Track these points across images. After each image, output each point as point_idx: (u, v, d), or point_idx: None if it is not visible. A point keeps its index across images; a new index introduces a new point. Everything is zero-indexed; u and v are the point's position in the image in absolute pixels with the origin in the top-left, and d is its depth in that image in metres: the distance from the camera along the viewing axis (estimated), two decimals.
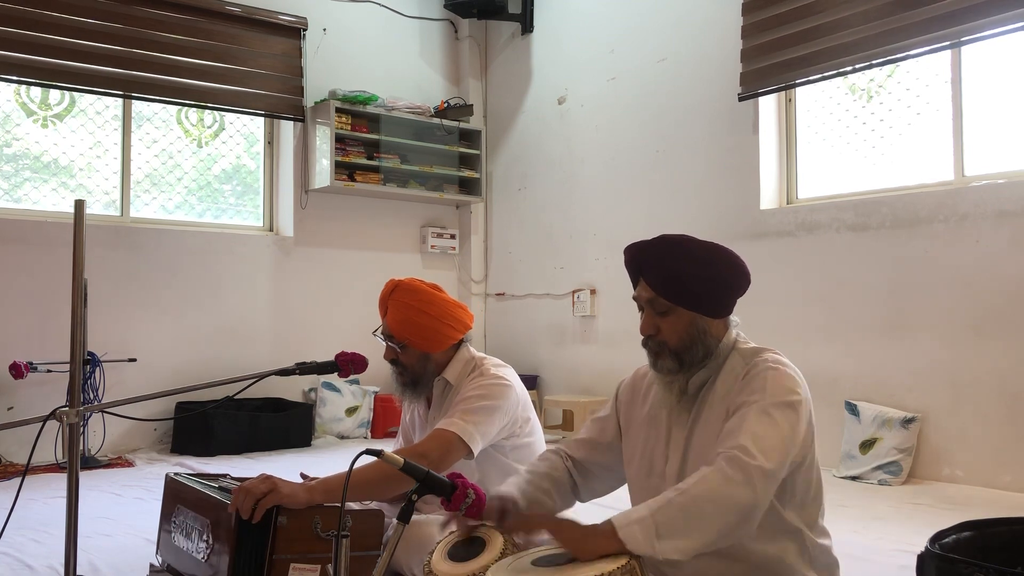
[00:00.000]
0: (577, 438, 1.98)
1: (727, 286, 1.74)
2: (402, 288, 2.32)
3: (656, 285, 1.71)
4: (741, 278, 1.75)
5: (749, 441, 1.54)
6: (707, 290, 1.71)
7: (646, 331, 1.74)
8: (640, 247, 1.76)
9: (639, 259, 1.75)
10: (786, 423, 1.59)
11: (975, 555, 1.53)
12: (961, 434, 3.91)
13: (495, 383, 2.28)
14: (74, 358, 1.84)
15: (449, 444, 2.13)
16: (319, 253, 5.87)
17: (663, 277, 1.71)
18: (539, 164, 6.17)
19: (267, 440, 5.03)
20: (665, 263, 1.71)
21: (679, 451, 1.74)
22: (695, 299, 1.71)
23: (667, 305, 1.71)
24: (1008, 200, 3.80)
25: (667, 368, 1.73)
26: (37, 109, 5.07)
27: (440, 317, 2.31)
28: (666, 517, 1.47)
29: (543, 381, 6.06)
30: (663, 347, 1.72)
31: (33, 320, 4.74)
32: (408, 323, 2.29)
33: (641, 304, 1.76)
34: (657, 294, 1.71)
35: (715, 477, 1.50)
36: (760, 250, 4.68)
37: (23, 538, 2.94)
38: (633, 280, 1.78)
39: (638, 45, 5.46)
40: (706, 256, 1.73)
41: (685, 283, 1.70)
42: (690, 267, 1.70)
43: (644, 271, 1.74)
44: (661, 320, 1.72)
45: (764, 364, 1.68)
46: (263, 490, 1.84)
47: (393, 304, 2.31)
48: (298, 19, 5.72)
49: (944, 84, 4.17)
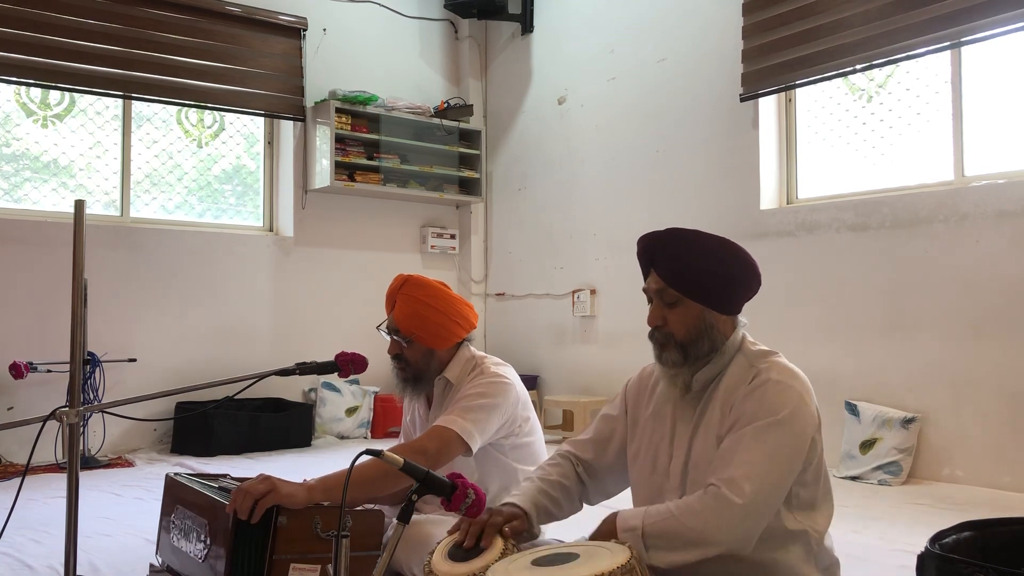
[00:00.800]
0: (585, 437, 1.96)
1: (737, 282, 1.74)
2: (412, 283, 2.32)
3: (666, 276, 1.71)
4: (752, 276, 1.76)
5: (741, 472, 1.57)
6: (717, 284, 1.72)
7: (653, 322, 1.74)
8: (653, 237, 1.76)
9: (651, 250, 1.75)
10: (781, 445, 1.60)
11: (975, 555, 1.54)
12: (961, 434, 3.91)
13: (495, 381, 2.28)
14: (74, 358, 1.84)
15: (447, 441, 2.12)
16: (319, 253, 5.87)
17: (674, 268, 1.71)
18: (539, 164, 6.17)
19: (267, 440, 5.03)
20: (677, 254, 1.72)
21: (683, 449, 1.73)
22: (704, 292, 1.71)
23: (676, 296, 1.71)
24: (1008, 200, 3.80)
25: (672, 360, 1.72)
26: (37, 109, 5.07)
27: (448, 313, 2.32)
28: (654, 533, 1.57)
29: (543, 381, 6.06)
30: (669, 339, 1.72)
31: (33, 320, 4.74)
32: (416, 317, 2.29)
33: (650, 295, 1.76)
34: (667, 284, 1.71)
35: (704, 513, 1.56)
36: (760, 250, 4.62)
37: (23, 538, 2.94)
38: (644, 271, 1.78)
39: (638, 45, 5.46)
40: (718, 250, 1.73)
41: (695, 275, 1.70)
42: (701, 260, 1.71)
43: (655, 262, 1.74)
44: (669, 311, 1.72)
45: (766, 375, 1.67)
46: (262, 490, 1.84)
47: (402, 298, 2.31)
48: (298, 19, 5.72)
49: (944, 84, 4.17)
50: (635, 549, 1.51)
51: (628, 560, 1.45)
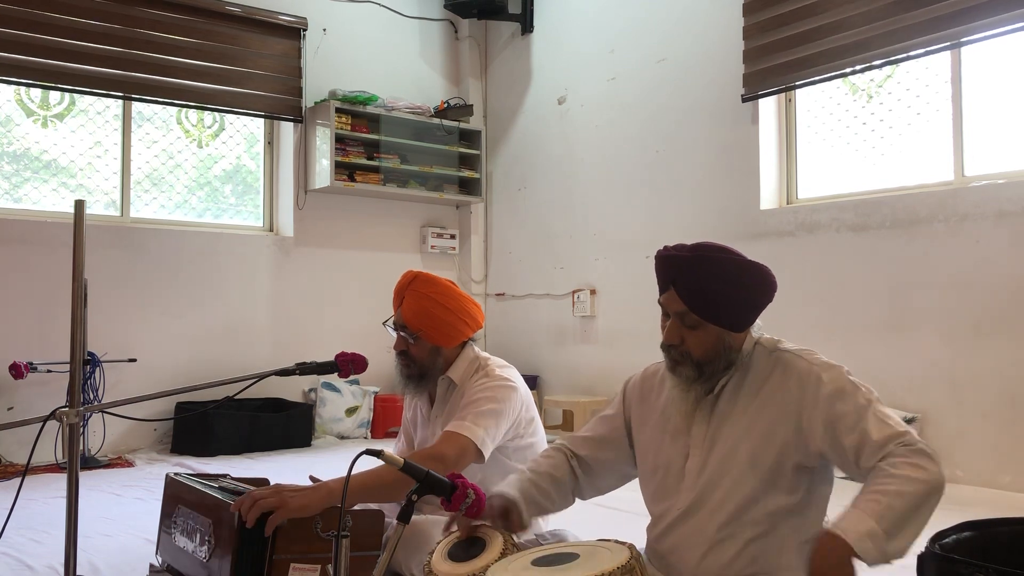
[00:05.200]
0: (582, 435, 1.96)
1: (757, 305, 1.74)
2: (422, 279, 2.33)
3: (688, 300, 1.69)
4: (771, 292, 1.75)
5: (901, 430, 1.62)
6: (740, 310, 1.71)
7: (671, 340, 1.72)
8: (675, 260, 1.72)
9: (673, 269, 1.72)
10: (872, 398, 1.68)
11: (975, 555, 1.53)
12: (961, 434, 3.91)
13: (501, 385, 2.27)
14: (74, 358, 1.84)
15: (465, 449, 2.12)
16: (319, 253, 5.87)
17: (696, 293, 1.68)
18: (539, 164, 6.17)
19: (267, 440, 5.03)
20: (701, 280, 1.68)
21: (701, 447, 1.73)
22: (727, 318, 1.70)
23: (697, 320, 1.69)
24: (1008, 200, 3.80)
25: (686, 376, 1.72)
26: (37, 109, 5.07)
27: (456, 311, 2.32)
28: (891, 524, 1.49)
29: (543, 381, 6.06)
30: (686, 357, 1.71)
31: (33, 320, 4.74)
32: (424, 314, 2.29)
33: (668, 311, 1.74)
34: (688, 308, 1.69)
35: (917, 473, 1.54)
36: (760, 250, 4.63)
37: (23, 538, 2.94)
38: (662, 286, 1.75)
39: (638, 45, 5.46)
40: (741, 275, 1.71)
41: (718, 302, 1.68)
42: (725, 287, 1.68)
43: (677, 282, 1.71)
44: (688, 332, 1.71)
45: (808, 359, 1.72)
46: (271, 504, 1.82)
47: (411, 294, 2.31)
48: (298, 19, 5.72)
49: (944, 84, 4.17)
50: (635, 548, 1.51)
51: (628, 560, 1.45)
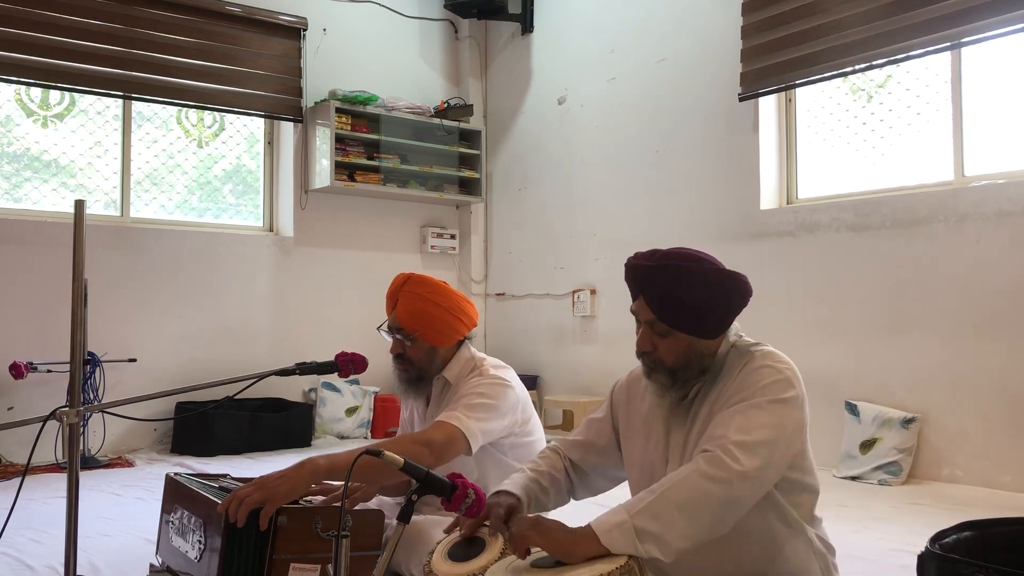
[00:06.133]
0: (573, 439, 1.98)
1: (730, 311, 1.72)
2: (414, 280, 2.33)
3: (657, 309, 1.68)
4: (744, 300, 1.73)
5: (734, 439, 1.54)
6: (710, 317, 1.70)
7: (643, 347, 1.73)
8: (642, 269, 1.71)
9: (640, 279, 1.71)
10: (777, 420, 1.59)
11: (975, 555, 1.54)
12: (961, 434, 3.91)
13: (496, 383, 2.27)
14: (74, 358, 1.84)
15: (452, 437, 2.12)
16: (319, 253, 5.87)
17: (664, 302, 1.68)
18: (539, 164, 6.17)
19: (267, 440, 5.03)
20: (667, 288, 1.67)
21: (679, 452, 1.74)
22: (696, 325, 1.69)
23: (666, 329, 1.69)
24: (1008, 200, 3.80)
25: (661, 382, 1.73)
26: (37, 109, 5.07)
27: (451, 310, 2.32)
28: (643, 521, 1.48)
29: (543, 381, 6.06)
30: (659, 364, 1.72)
31: (33, 320, 4.74)
32: (419, 314, 2.29)
33: (639, 319, 1.74)
34: (657, 317, 1.69)
35: (693, 478, 1.51)
36: (760, 250, 4.69)
37: (23, 538, 2.94)
38: (632, 294, 1.75)
39: (638, 45, 5.46)
40: (710, 282, 1.68)
41: (687, 310, 1.67)
42: (693, 294, 1.67)
43: (645, 291, 1.70)
44: (659, 340, 1.71)
45: (759, 361, 1.68)
46: (259, 500, 1.81)
47: (404, 295, 2.31)
48: (298, 19, 5.72)
49: (944, 84, 4.17)
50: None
51: (627, 561, 1.45)
